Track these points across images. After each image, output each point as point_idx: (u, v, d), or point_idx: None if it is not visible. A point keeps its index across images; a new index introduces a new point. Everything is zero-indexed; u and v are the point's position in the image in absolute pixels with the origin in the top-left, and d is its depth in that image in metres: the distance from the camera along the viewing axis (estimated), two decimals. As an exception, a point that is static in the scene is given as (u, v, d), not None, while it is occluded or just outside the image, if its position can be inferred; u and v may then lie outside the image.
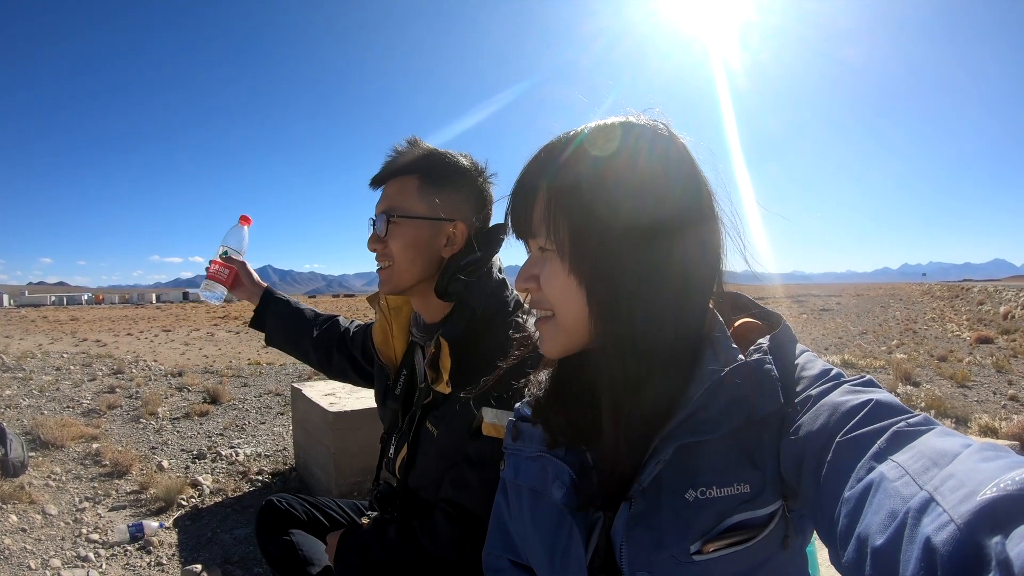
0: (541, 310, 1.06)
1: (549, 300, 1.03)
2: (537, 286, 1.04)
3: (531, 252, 1.09)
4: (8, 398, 9.51)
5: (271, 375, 12.68)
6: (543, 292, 1.04)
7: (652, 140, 1.00)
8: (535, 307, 1.08)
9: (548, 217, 1.00)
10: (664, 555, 0.95)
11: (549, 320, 1.05)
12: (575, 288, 0.99)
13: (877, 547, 0.65)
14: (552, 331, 1.05)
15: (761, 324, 1.07)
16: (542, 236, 1.02)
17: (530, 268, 1.06)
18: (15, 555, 3.96)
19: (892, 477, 0.68)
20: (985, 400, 9.80)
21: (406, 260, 1.76)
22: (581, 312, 1.00)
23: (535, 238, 1.04)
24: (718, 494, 0.93)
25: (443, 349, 1.69)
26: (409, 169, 1.77)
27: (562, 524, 1.06)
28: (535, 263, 1.06)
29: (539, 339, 1.10)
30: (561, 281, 1.00)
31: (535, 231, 1.03)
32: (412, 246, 1.75)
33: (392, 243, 1.75)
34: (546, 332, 1.06)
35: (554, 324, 1.04)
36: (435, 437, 1.73)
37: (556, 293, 1.02)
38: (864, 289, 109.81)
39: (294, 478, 5.54)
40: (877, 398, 0.81)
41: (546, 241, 1.01)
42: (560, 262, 1.00)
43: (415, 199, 1.75)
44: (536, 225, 1.02)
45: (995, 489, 0.57)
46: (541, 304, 1.06)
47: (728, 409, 0.92)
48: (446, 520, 1.64)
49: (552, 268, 1.02)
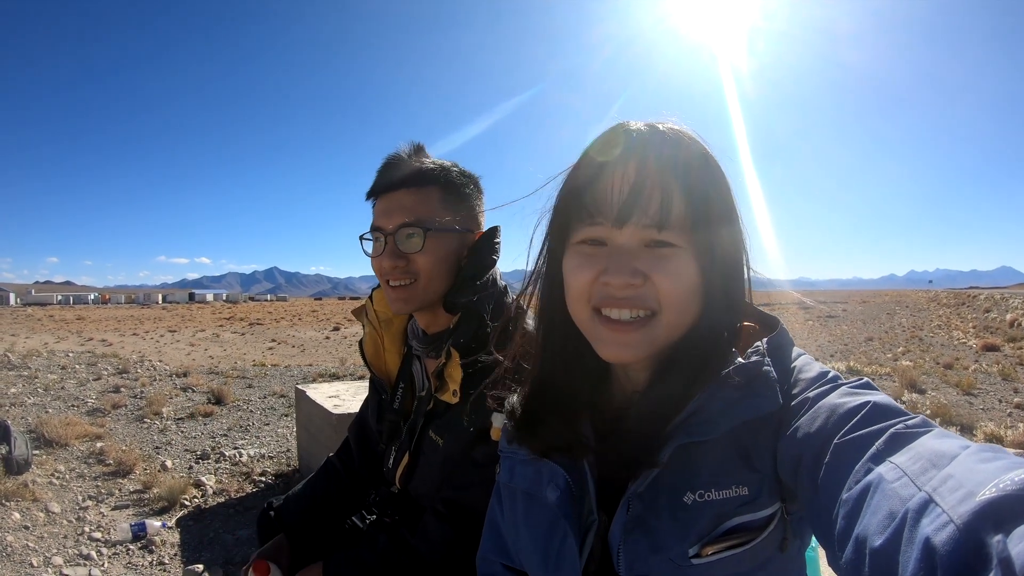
0: (636, 309, 0.97)
1: (659, 298, 0.96)
2: (643, 282, 0.95)
3: (614, 243, 0.98)
4: (13, 396, 9.55)
5: (276, 376, 12.70)
6: (655, 288, 0.95)
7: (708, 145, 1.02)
8: (628, 306, 0.97)
9: (688, 211, 0.95)
10: (662, 558, 0.94)
11: (647, 321, 0.97)
12: (699, 287, 0.97)
13: (876, 548, 0.64)
14: (650, 332, 0.97)
15: (759, 327, 1.07)
16: (674, 231, 0.95)
17: (633, 262, 0.96)
18: (17, 552, 3.98)
19: (890, 478, 0.68)
20: (991, 408, 9.75)
21: (435, 275, 1.67)
22: (693, 311, 0.98)
23: (662, 231, 0.95)
24: (716, 496, 0.93)
25: (453, 359, 1.64)
26: (428, 180, 1.67)
27: (556, 527, 1.05)
28: (638, 256, 0.96)
29: (614, 343, 0.99)
30: (688, 279, 0.95)
31: (667, 223, 0.95)
32: (444, 259, 1.67)
33: (422, 258, 1.65)
34: (639, 335, 0.97)
35: (655, 324, 0.97)
36: (440, 446, 1.70)
37: (676, 291, 0.95)
38: (870, 296, 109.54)
39: (297, 479, 5.51)
40: (875, 400, 0.81)
41: (680, 237, 0.95)
42: (691, 259, 0.96)
43: (441, 210, 1.67)
44: (675, 218, 0.95)
45: (994, 489, 0.57)
46: (641, 302, 0.96)
47: (726, 410, 0.92)
48: (437, 521, 1.63)
49: (679, 265, 0.95)
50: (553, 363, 1.13)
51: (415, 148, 1.74)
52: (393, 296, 1.71)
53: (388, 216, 1.66)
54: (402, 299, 1.69)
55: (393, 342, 1.97)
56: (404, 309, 1.72)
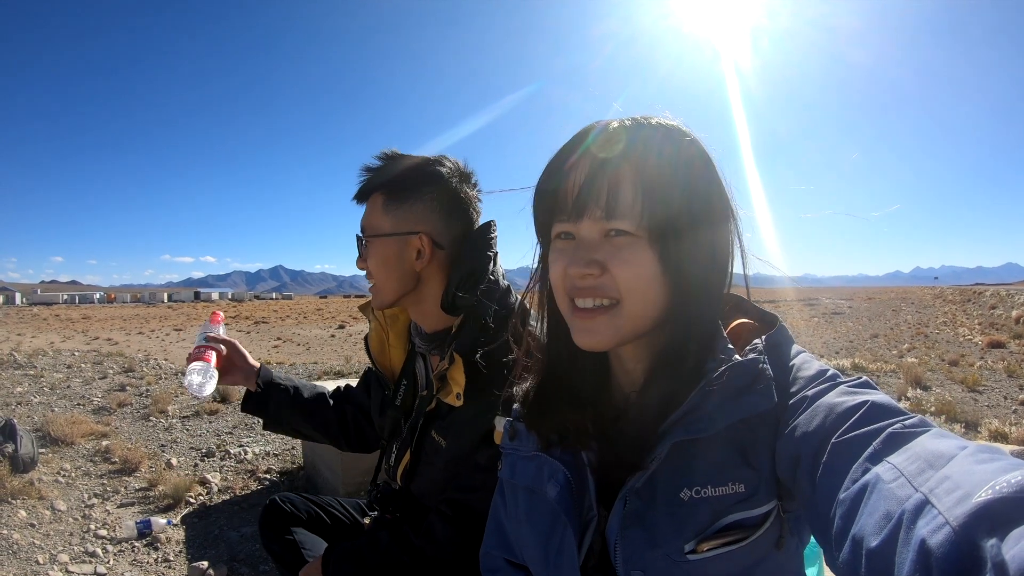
0: (598, 298, 0.99)
1: (618, 287, 0.97)
2: (601, 271, 0.98)
3: (578, 235, 1.02)
4: (19, 395, 9.58)
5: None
6: (612, 277, 0.97)
7: (695, 137, 1.03)
8: (590, 295, 0.99)
9: (640, 200, 0.96)
10: (659, 554, 0.95)
11: (609, 309, 0.99)
12: (658, 275, 0.97)
13: (872, 549, 0.65)
14: (613, 320, 0.99)
15: (757, 325, 1.07)
16: (626, 219, 0.96)
17: (590, 252, 0.98)
18: (23, 550, 3.99)
19: (888, 479, 0.68)
20: (996, 405, 9.71)
21: (383, 277, 1.77)
22: (656, 300, 0.99)
23: (611, 220, 0.97)
24: (713, 493, 0.93)
25: (457, 364, 1.66)
26: (375, 187, 1.77)
27: (556, 523, 1.06)
28: (596, 247, 0.99)
29: (583, 330, 1.02)
30: (644, 268, 0.96)
31: (615, 213, 0.97)
32: (384, 264, 1.76)
33: (369, 262, 1.78)
34: (603, 322, 1.00)
35: (617, 312, 0.99)
36: (442, 448, 1.72)
37: (633, 280, 0.97)
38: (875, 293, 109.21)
39: (301, 477, 5.55)
40: (873, 399, 0.81)
41: (632, 225, 0.96)
42: (646, 247, 0.96)
43: (380, 216, 1.76)
44: (622, 207, 0.96)
45: (991, 491, 0.57)
46: (602, 291, 0.99)
47: (722, 407, 0.92)
48: (443, 522, 1.64)
49: (634, 253, 0.96)
50: (558, 358, 1.16)
51: (379, 156, 1.81)
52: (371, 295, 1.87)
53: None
54: (373, 296, 1.85)
55: (398, 338, 2.01)
56: (375, 305, 1.87)
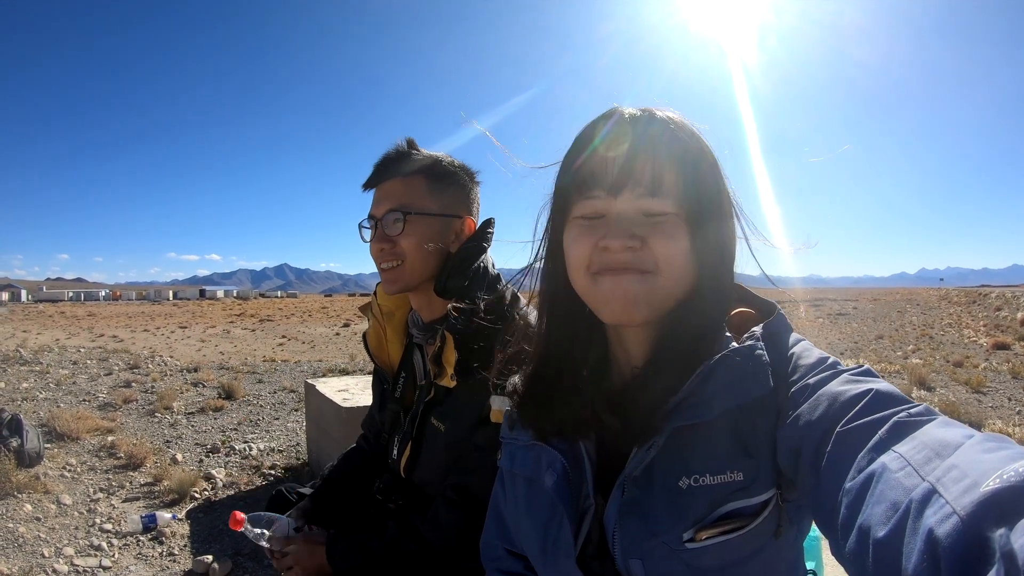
0: (636, 268, 0.98)
1: (657, 260, 0.97)
2: (640, 245, 0.97)
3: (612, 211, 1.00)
4: (25, 391, 9.61)
5: (286, 372, 12.74)
6: (651, 252, 0.97)
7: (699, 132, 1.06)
8: (629, 264, 0.98)
9: (680, 182, 0.99)
10: (657, 542, 0.95)
11: (647, 276, 0.98)
12: (689, 257, 0.99)
13: (879, 538, 0.64)
14: (649, 287, 0.98)
15: (756, 313, 1.07)
16: (668, 199, 0.98)
17: (630, 228, 0.98)
18: (29, 543, 4.01)
19: (894, 468, 0.67)
20: (1000, 406, 9.68)
21: (419, 258, 1.75)
22: (685, 280, 1.00)
23: (654, 198, 0.98)
24: (711, 482, 0.93)
25: (448, 343, 1.70)
26: (415, 170, 1.78)
27: (554, 512, 1.06)
28: (636, 223, 0.98)
29: (613, 295, 1.00)
30: (681, 246, 0.98)
31: (659, 191, 0.98)
32: (426, 242, 1.75)
33: (404, 241, 1.74)
34: (639, 289, 0.98)
35: (653, 281, 0.98)
36: (442, 432, 1.74)
37: (673, 256, 0.97)
38: (881, 294, 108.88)
39: (306, 473, 5.56)
40: (877, 388, 0.81)
41: (672, 205, 0.98)
42: (683, 227, 0.98)
43: (426, 197, 1.77)
44: (666, 187, 0.98)
45: (998, 480, 0.56)
46: (639, 264, 0.98)
47: (719, 393, 0.92)
48: (448, 508, 1.65)
49: (674, 230, 0.98)
50: (558, 342, 1.15)
51: (407, 142, 1.84)
52: (384, 278, 1.82)
53: (378, 204, 1.79)
54: (390, 280, 1.79)
55: (395, 333, 2.03)
56: (393, 289, 1.81)
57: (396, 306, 2.01)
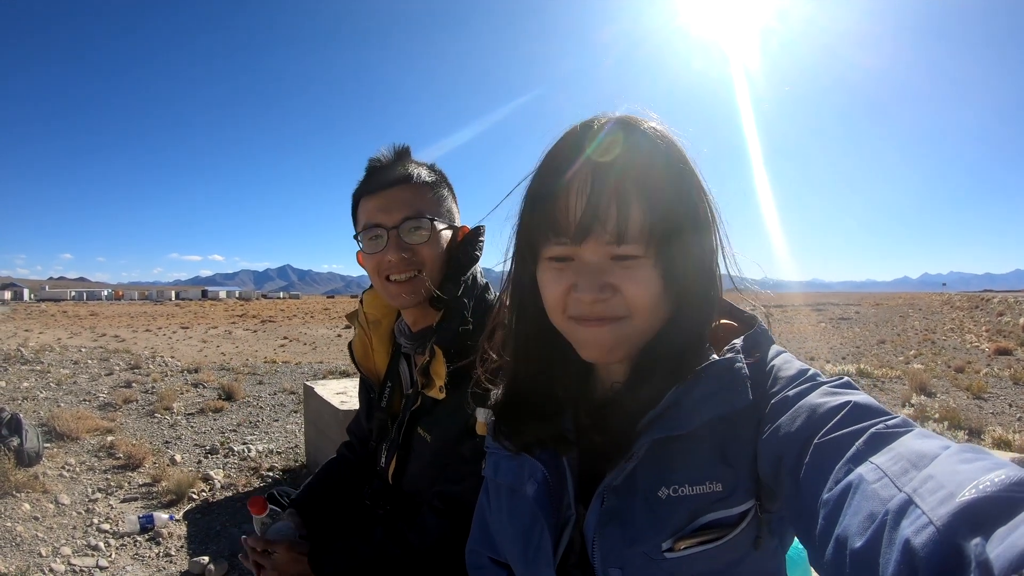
0: (609, 316, 0.97)
1: (628, 305, 0.96)
2: (612, 295, 0.95)
3: (580, 257, 0.98)
4: (26, 390, 9.64)
5: (286, 373, 12.76)
6: (623, 298, 0.95)
7: (675, 139, 1.01)
8: (603, 315, 0.96)
9: (648, 221, 0.94)
10: (636, 551, 0.95)
11: (619, 321, 0.97)
12: (661, 291, 0.96)
13: (856, 549, 0.64)
14: (621, 329, 0.97)
15: (737, 325, 1.07)
16: (637, 243, 0.94)
17: (601, 276, 0.95)
18: (27, 542, 4.03)
19: (871, 479, 0.68)
20: (1001, 412, 9.66)
21: (437, 267, 1.72)
22: (660, 313, 0.98)
23: (621, 245, 0.94)
24: (690, 492, 0.93)
25: (437, 356, 1.67)
26: (420, 177, 1.74)
27: (535, 521, 1.07)
28: (606, 271, 0.96)
29: (590, 342, 1.00)
30: (652, 286, 0.95)
31: (625, 238, 0.94)
32: (444, 251, 1.73)
33: (427, 249, 1.70)
34: (613, 335, 0.97)
35: (628, 325, 0.97)
36: (428, 442, 1.73)
37: (644, 299, 0.95)
38: (883, 298, 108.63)
39: (304, 475, 5.56)
40: (855, 400, 0.81)
41: (641, 248, 0.94)
42: (652, 266, 0.95)
43: (435, 205, 1.74)
44: (632, 232, 0.94)
45: (974, 491, 0.57)
46: (611, 312, 0.96)
47: (698, 405, 0.92)
48: (434, 515, 1.65)
49: (642, 273, 0.95)
50: (530, 362, 1.14)
51: (402, 149, 1.80)
52: (396, 291, 1.73)
53: (387, 212, 1.70)
54: (407, 292, 1.71)
55: (381, 342, 2.00)
56: (409, 302, 1.74)
57: (382, 315, 1.98)
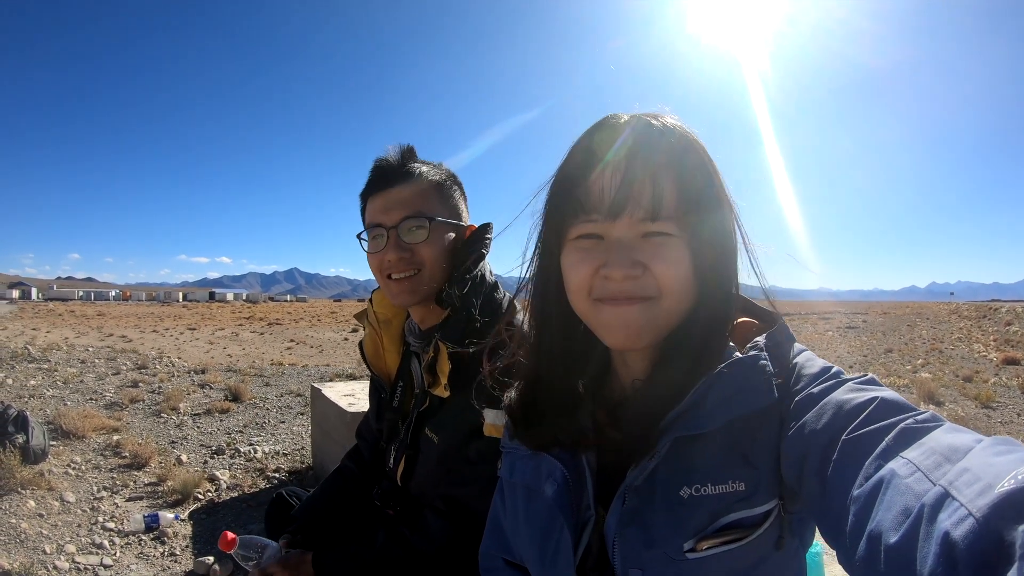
0: (639, 296, 0.96)
1: (659, 285, 0.96)
2: (642, 272, 0.95)
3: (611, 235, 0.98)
4: (33, 388, 9.68)
5: (293, 376, 12.78)
6: (653, 276, 0.95)
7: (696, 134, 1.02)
8: (632, 293, 0.96)
9: (680, 200, 0.95)
10: (657, 552, 0.94)
11: (648, 302, 0.96)
12: (691, 273, 0.96)
13: (891, 544, 0.63)
14: (650, 311, 0.97)
15: (759, 323, 1.06)
16: (670, 221, 0.95)
17: (631, 253, 0.95)
18: (31, 539, 4.03)
19: (903, 474, 0.67)
20: (1009, 421, 9.61)
21: (437, 266, 1.72)
22: (688, 297, 0.98)
23: (655, 222, 0.95)
24: (712, 491, 0.92)
25: (441, 353, 1.67)
26: (423, 176, 1.74)
27: (553, 522, 1.05)
28: (636, 248, 0.96)
29: (616, 325, 0.98)
30: (683, 266, 0.95)
31: (659, 214, 0.95)
32: (444, 251, 1.73)
33: (426, 248, 1.70)
34: (643, 315, 0.97)
35: (657, 307, 0.97)
36: (435, 443, 1.72)
37: (675, 278, 0.95)
38: (891, 307, 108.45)
39: (310, 476, 5.57)
40: (882, 396, 0.80)
41: (674, 226, 0.95)
42: (684, 246, 0.96)
43: (439, 204, 1.74)
44: (667, 208, 0.95)
45: (1013, 481, 0.56)
46: (641, 291, 0.96)
47: (722, 404, 0.91)
48: (437, 518, 1.64)
49: (675, 252, 0.95)
50: (551, 359, 1.13)
51: (407, 149, 1.79)
52: (396, 289, 1.74)
53: (387, 212, 1.71)
54: (407, 290, 1.72)
55: (392, 342, 1.99)
56: (409, 301, 1.75)
57: (393, 314, 1.98)
